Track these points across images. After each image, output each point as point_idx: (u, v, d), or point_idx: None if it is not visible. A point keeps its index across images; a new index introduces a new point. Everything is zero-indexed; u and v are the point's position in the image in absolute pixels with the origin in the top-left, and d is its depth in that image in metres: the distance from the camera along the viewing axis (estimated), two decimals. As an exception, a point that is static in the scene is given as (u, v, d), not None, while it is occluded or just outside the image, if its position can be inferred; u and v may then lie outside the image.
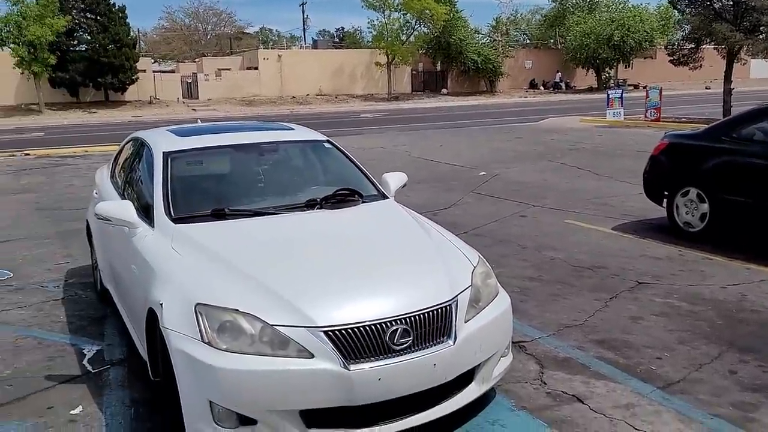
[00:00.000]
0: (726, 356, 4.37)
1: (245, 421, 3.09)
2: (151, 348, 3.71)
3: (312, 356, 3.08)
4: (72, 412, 3.83)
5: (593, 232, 7.78)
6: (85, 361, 4.55)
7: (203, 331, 3.15)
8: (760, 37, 20.99)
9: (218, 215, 4.15)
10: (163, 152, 4.60)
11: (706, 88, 42.87)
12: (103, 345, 4.84)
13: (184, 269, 3.58)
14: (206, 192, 4.65)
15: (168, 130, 5.35)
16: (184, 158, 4.67)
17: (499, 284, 3.89)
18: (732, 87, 21.22)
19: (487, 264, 3.95)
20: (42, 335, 5.04)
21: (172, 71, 48.35)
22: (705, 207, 7.13)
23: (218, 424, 3.10)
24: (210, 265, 3.57)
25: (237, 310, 3.18)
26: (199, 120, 7.72)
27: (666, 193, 7.68)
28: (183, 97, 41.20)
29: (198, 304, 3.23)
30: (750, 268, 6.19)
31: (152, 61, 45.17)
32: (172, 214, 4.11)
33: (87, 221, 6.13)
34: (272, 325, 3.12)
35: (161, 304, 3.37)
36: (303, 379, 3.06)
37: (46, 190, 12.00)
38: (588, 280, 6.00)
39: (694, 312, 5.16)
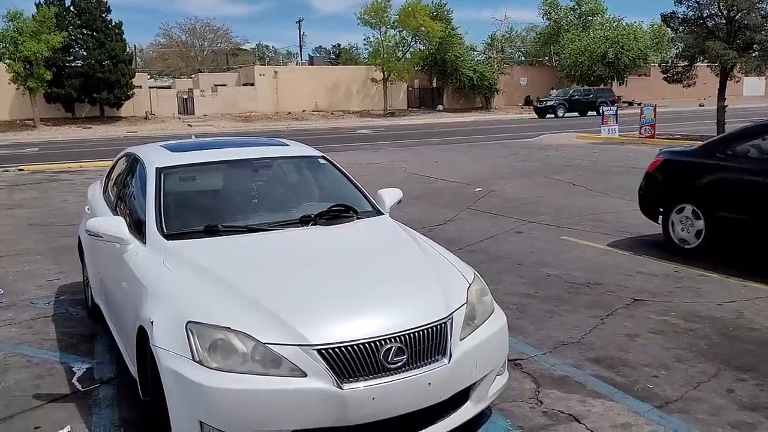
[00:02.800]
0: (723, 375, 4.32)
1: (236, 442, 3.02)
2: (141, 366, 3.65)
3: (305, 375, 3.03)
4: (59, 432, 3.76)
5: (589, 248, 7.75)
6: (74, 380, 4.48)
7: (194, 349, 3.10)
8: (753, 54, 21.15)
9: (211, 232, 4.10)
10: (156, 168, 4.56)
11: (700, 105, 43.14)
12: (93, 363, 4.77)
13: (176, 286, 3.52)
14: (199, 208, 4.60)
15: (161, 145, 5.31)
16: (178, 174, 4.62)
17: (494, 301, 3.85)
18: (725, 104, 21.34)
19: (483, 281, 3.91)
20: (31, 353, 4.97)
21: (169, 87, 48.51)
22: (700, 224, 7.11)
23: (208, 445, 3.04)
24: (202, 283, 3.52)
25: (229, 328, 3.12)
26: (193, 135, 7.69)
27: (661, 209, 7.67)
28: (179, 113, 41.29)
29: (189, 322, 3.18)
30: (747, 286, 6.16)
31: (148, 77, 45.39)
32: (165, 231, 4.06)
33: (79, 237, 6.08)
34: (264, 343, 3.07)
35: (152, 322, 3.32)
36: (295, 398, 3.00)
37: (39, 205, 11.94)
38: (584, 297, 5.96)
39: (691, 330, 5.12)
